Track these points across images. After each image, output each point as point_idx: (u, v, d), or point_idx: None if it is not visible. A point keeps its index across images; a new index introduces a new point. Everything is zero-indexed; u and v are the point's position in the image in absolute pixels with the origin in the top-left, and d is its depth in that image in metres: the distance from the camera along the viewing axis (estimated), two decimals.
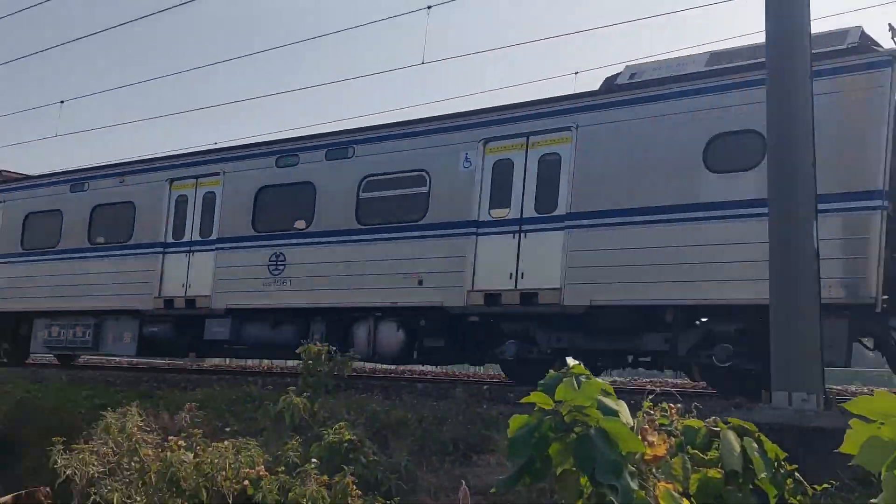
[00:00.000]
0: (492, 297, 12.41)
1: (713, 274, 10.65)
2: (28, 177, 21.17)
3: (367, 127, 14.52)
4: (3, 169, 22.25)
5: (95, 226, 17.71)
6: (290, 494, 7.37)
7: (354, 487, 7.40)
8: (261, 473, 7.72)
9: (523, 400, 3.71)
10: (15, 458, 11.38)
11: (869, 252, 9.67)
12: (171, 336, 16.51)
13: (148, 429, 8.93)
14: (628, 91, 11.75)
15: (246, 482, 7.69)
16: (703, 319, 11.58)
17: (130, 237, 17.00)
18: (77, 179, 18.48)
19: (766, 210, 9.87)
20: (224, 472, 7.75)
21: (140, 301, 16.52)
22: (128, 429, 8.66)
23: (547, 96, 12.65)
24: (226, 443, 8.17)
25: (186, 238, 16.21)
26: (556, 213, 12.00)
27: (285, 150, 15.10)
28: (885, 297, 9.77)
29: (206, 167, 16.19)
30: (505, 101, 13.47)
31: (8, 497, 8.55)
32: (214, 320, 15.55)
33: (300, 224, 14.69)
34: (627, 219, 11.33)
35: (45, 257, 18.52)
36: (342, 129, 15.08)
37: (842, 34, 10.62)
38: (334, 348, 10.80)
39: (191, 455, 7.97)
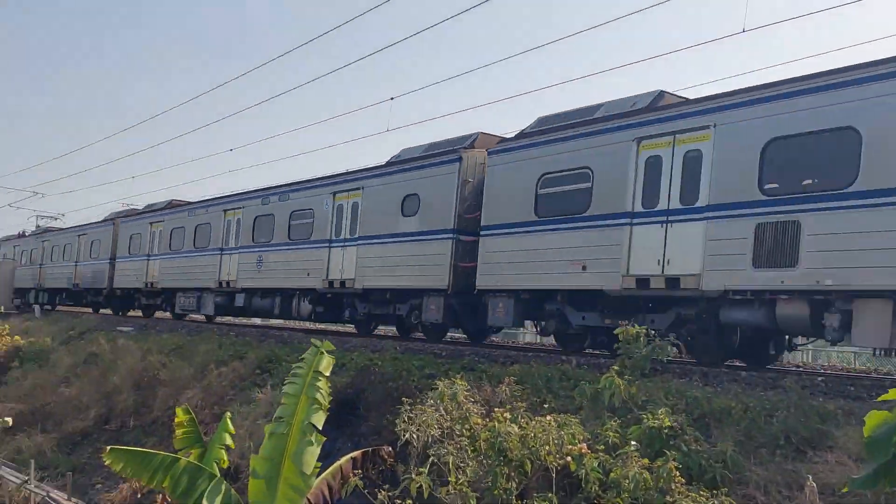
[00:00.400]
0: (331, 283, 21.87)
1: (405, 271, 19.29)
2: (188, 203, 33.77)
3: (293, 182, 24.60)
4: (173, 199, 35.39)
5: (196, 237, 29.60)
6: (611, 474, 7.39)
7: (678, 474, 7.25)
8: (583, 451, 7.71)
9: (881, 398, 3.50)
10: (358, 419, 12.00)
11: (446, 261, 17.83)
12: (226, 303, 27.83)
13: (472, 399, 9.36)
14: (385, 167, 20.62)
15: (568, 458, 7.73)
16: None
17: (208, 244, 28.58)
18: (190, 209, 30.60)
19: (422, 238, 18.62)
20: (547, 447, 7.86)
21: (210, 282, 28.03)
22: (458, 397, 9.07)
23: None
24: (548, 417, 8.32)
25: (230, 245, 27.36)
26: (355, 236, 21.15)
27: (263, 195, 25.64)
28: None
29: (238, 203, 27.20)
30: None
31: (357, 453, 9.09)
32: (238, 294, 26.55)
33: (268, 238, 25.09)
34: (374, 241, 20.24)
35: (177, 255, 30.86)
36: (286, 182, 25.26)
37: (467, 137, 18.70)
38: (653, 332, 11.05)
39: (516, 427, 8.17)
